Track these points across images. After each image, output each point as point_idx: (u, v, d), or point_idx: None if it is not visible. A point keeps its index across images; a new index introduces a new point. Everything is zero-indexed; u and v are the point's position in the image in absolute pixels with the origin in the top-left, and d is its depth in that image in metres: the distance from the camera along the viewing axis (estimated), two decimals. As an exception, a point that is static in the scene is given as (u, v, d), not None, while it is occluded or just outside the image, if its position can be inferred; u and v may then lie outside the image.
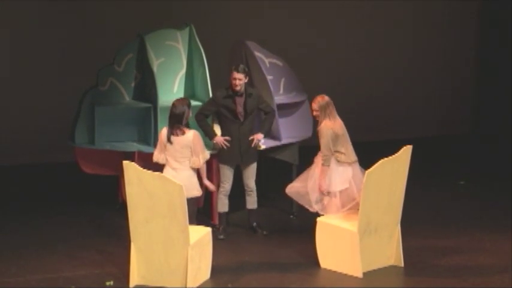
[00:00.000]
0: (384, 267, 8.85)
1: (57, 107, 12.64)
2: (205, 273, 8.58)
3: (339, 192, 8.96)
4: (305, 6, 13.77)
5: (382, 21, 14.28)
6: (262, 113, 9.79)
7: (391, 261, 8.93)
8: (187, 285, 8.28)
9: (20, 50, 12.77)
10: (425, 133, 14.40)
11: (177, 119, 8.80)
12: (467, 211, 10.70)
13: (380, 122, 14.35)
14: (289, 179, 9.65)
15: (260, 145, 9.84)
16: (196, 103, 9.97)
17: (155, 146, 9.26)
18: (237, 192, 9.84)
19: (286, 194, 9.29)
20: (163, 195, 8.16)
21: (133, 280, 8.41)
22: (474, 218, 10.43)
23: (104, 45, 12.33)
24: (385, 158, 8.52)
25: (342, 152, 9.01)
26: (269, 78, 10.22)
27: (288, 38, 13.54)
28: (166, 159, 8.89)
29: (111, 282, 8.46)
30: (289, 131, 10.35)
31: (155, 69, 10.14)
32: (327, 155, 8.96)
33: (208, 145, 9.59)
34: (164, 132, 8.90)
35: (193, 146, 8.83)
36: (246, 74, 9.51)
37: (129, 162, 8.27)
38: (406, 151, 8.70)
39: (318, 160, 9.08)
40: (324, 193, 8.97)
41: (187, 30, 10.55)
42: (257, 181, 9.88)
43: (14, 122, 12.79)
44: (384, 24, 14.29)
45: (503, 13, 14.22)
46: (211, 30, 12.58)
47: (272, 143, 10.19)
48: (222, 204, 9.74)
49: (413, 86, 14.59)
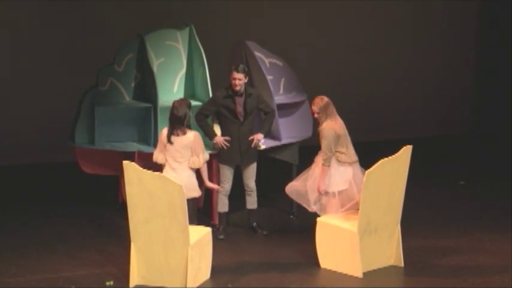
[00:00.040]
0: (384, 267, 8.85)
1: (57, 107, 12.63)
2: (205, 273, 8.58)
3: (338, 192, 8.96)
4: (305, 6, 13.75)
5: (382, 21, 14.26)
6: (262, 113, 9.79)
7: (391, 261, 8.92)
8: (187, 285, 8.27)
9: (20, 50, 12.75)
10: (425, 133, 14.38)
11: (178, 121, 8.80)
12: (467, 211, 10.70)
13: (380, 122, 14.34)
14: (289, 179, 9.61)
15: (260, 145, 9.83)
16: (196, 103, 9.97)
17: (155, 146, 9.26)
18: (237, 192, 9.83)
19: (286, 194, 9.29)
20: (163, 195, 8.15)
21: (133, 280, 8.41)
22: (474, 218, 10.43)
23: (104, 45, 12.32)
24: (385, 158, 8.52)
25: (343, 152, 9.01)
26: (269, 78, 10.21)
27: (288, 38, 13.52)
28: (166, 159, 8.89)
29: (111, 282, 8.46)
30: (289, 131, 10.34)
31: (155, 69, 10.13)
32: (328, 156, 8.96)
33: (208, 145, 9.59)
34: (164, 132, 8.89)
35: (193, 147, 8.82)
36: (246, 74, 9.51)
37: (129, 162, 8.27)
38: (406, 151, 8.70)
39: (318, 160, 9.07)
40: (322, 193, 8.97)
41: (187, 30, 10.55)
42: (257, 181, 9.88)
43: (14, 122, 12.78)
44: (384, 24, 14.28)
45: (503, 13, 14.21)
46: (211, 30, 12.56)
47: (272, 143, 10.19)
48: (222, 204, 9.73)
49: (413, 86, 14.57)
